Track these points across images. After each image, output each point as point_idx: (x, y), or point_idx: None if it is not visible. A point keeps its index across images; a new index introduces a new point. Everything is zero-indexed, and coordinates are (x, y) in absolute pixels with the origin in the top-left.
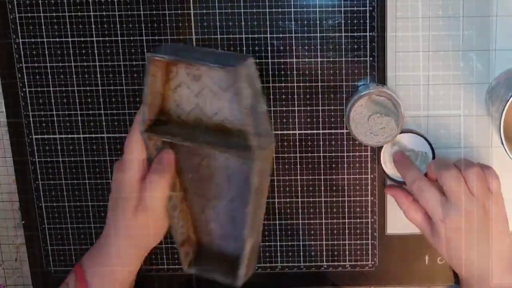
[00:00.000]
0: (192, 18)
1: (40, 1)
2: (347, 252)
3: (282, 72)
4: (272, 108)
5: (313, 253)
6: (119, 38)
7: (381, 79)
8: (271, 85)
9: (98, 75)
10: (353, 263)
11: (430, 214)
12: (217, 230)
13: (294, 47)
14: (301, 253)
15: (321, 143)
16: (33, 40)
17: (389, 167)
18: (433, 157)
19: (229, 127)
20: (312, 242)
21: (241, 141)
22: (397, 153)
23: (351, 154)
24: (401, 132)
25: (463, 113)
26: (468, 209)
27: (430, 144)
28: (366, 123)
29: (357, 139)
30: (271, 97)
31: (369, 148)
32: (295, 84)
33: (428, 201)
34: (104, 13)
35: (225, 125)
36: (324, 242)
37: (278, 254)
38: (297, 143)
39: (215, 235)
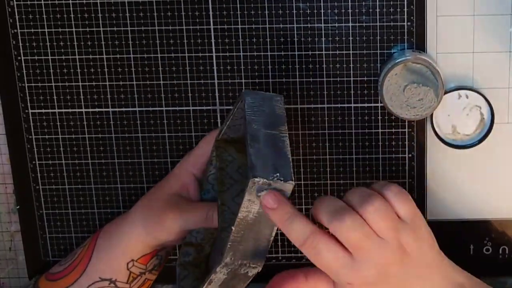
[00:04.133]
0: None
1: None
2: None
3: (309, 39)
4: (298, 79)
5: None
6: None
7: (420, 46)
8: (296, 53)
9: (103, 42)
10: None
11: (335, 279)
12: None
13: (322, 11)
14: None
15: (352, 118)
16: (29, 3)
17: (444, 130)
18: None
19: None
20: None
21: None
22: (267, 196)
23: (386, 130)
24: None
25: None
26: (381, 259)
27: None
28: (402, 94)
29: (392, 112)
30: (297, 66)
31: (406, 122)
32: (323, 52)
33: (330, 264)
34: None
35: None
36: None
37: None
38: (326, 119)
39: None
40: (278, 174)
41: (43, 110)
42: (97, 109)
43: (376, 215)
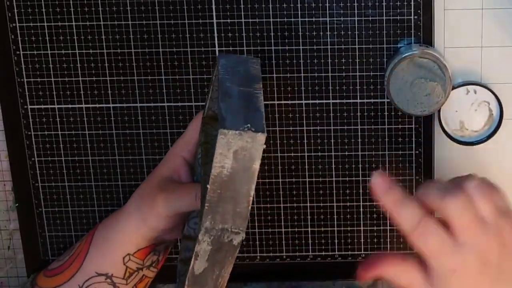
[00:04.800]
0: None
1: None
2: (388, 240)
3: (314, 33)
4: (302, 74)
5: (349, 241)
6: None
7: (427, 41)
8: (301, 47)
9: (103, 36)
10: (395, 251)
11: (438, 265)
12: None
13: (327, 4)
14: (335, 241)
15: (358, 114)
16: None
17: (451, 126)
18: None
19: None
20: (348, 228)
21: None
22: (377, 177)
23: (392, 126)
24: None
25: None
26: (484, 246)
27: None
28: (409, 90)
29: (398, 108)
30: (301, 61)
31: (413, 118)
32: (328, 47)
33: (437, 248)
34: None
35: None
36: (362, 228)
37: (310, 241)
38: (331, 114)
39: None
40: (249, 125)
41: (42, 106)
42: (97, 105)
43: (480, 192)
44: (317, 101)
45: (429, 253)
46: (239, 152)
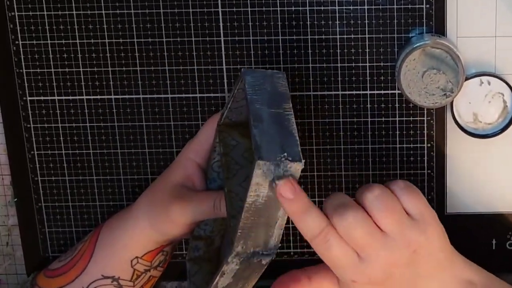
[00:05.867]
0: None
1: None
2: None
3: (322, 22)
4: (310, 65)
5: None
6: None
7: (439, 30)
8: (309, 37)
9: (105, 25)
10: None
11: (339, 276)
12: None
13: None
14: None
15: (368, 106)
16: None
17: (464, 118)
18: None
19: None
20: None
21: None
22: (284, 183)
23: (404, 118)
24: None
25: None
26: (388, 259)
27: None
28: (420, 81)
29: (409, 100)
30: (309, 51)
31: (425, 111)
32: (338, 37)
33: (338, 260)
34: None
35: None
36: None
37: None
38: (340, 106)
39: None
40: (285, 154)
41: (42, 98)
42: (99, 96)
43: (378, 204)
44: (325, 93)
45: (331, 264)
46: (275, 181)
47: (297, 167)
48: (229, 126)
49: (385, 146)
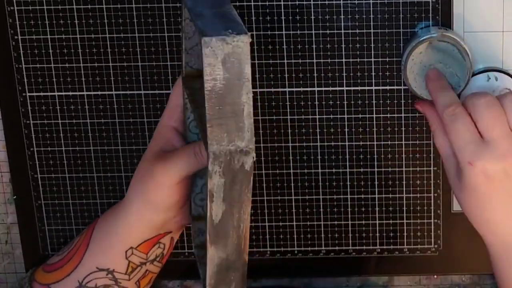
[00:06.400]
0: None
1: None
2: (405, 234)
3: (327, 17)
4: (315, 60)
5: (363, 235)
6: None
7: (446, 25)
8: (313, 32)
9: (105, 20)
10: (412, 246)
11: (457, 152)
12: None
13: None
14: (350, 235)
15: (374, 101)
16: None
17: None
18: None
19: None
20: (363, 222)
21: None
22: (433, 70)
23: (410, 114)
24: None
25: None
26: (507, 151)
27: None
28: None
29: (416, 94)
30: (314, 46)
31: None
32: (343, 31)
33: (459, 135)
34: None
35: None
36: (377, 222)
37: (322, 236)
38: (345, 102)
39: None
40: (230, 30)
41: (41, 93)
42: (99, 92)
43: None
44: (330, 88)
45: (454, 138)
46: (227, 59)
47: (244, 39)
48: (193, 76)
49: (391, 142)
